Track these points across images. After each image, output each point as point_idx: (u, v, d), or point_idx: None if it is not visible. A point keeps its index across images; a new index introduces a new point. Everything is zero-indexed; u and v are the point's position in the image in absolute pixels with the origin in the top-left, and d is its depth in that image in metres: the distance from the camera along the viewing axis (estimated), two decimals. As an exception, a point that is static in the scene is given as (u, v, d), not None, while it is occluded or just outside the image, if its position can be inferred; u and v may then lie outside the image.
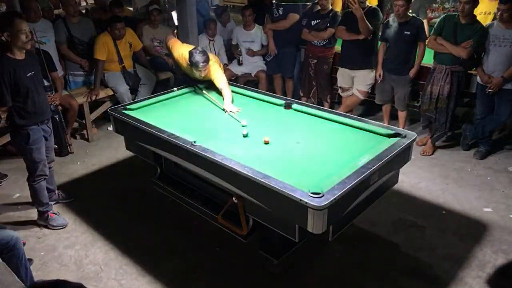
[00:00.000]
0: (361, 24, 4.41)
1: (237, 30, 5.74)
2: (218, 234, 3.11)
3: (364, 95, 4.88)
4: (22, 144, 3.21)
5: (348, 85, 4.95)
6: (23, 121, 3.15)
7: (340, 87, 5.04)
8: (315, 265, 3.01)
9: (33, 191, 3.39)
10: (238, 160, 2.59)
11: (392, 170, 2.80)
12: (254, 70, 5.67)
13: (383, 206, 3.51)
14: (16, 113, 3.13)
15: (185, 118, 3.38)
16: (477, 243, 3.17)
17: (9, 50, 3.04)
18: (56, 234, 3.39)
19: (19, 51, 3.08)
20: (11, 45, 3.02)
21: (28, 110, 3.15)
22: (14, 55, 3.06)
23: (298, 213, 2.24)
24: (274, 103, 3.66)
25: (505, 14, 3.88)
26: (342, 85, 5.00)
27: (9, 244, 2.49)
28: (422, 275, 2.89)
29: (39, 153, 3.28)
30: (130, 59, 5.15)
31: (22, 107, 3.12)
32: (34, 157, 3.25)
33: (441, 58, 4.22)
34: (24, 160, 3.32)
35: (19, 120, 3.14)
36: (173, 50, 4.08)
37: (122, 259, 3.09)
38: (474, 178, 4.08)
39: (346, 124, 3.20)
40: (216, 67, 3.83)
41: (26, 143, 3.20)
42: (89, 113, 4.99)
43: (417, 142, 4.52)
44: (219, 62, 4.12)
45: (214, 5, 8.64)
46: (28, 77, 3.11)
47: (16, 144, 3.33)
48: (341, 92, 5.08)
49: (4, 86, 3.00)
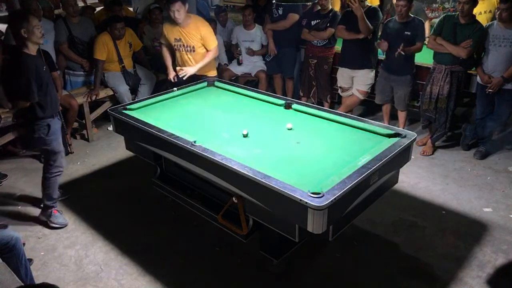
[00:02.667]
0: (361, 24, 4.41)
1: (237, 29, 5.74)
2: (218, 234, 3.11)
3: (364, 95, 4.88)
4: (42, 136, 3.30)
5: (348, 85, 4.95)
6: (43, 113, 3.25)
7: (340, 87, 5.04)
8: (315, 265, 3.01)
9: (48, 184, 3.44)
10: (238, 160, 2.59)
11: (392, 170, 2.80)
12: (254, 70, 5.67)
13: (383, 206, 3.51)
14: (38, 106, 3.22)
15: (185, 118, 3.38)
16: (477, 243, 3.18)
17: (26, 47, 3.12)
18: (56, 234, 3.39)
19: (33, 47, 3.17)
20: (28, 41, 3.11)
21: (47, 102, 3.26)
22: (30, 52, 3.15)
23: (298, 213, 2.24)
24: (274, 103, 3.66)
25: (504, 14, 3.88)
26: (342, 85, 5.00)
27: (9, 244, 2.50)
28: (422, 275, 2.89)
29: (58, 144, 3.41)
30: (130, 59, 5.15)
31: (43, 100, 3.23)
32: (54, 147, 3.36)
33: (441, 58, 4.21)
34: (43, 153, 3.53)
35: (41, 113, 3.25)
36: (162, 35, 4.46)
37: (122, 259, 3.10)
38: (474, 178, 4.08)
39: (346, 124, 3.20)
40: (209, 27, 4.11)
41: (46, 135, 3.30)
42: (89, 113, 4.99)
43: (417, 142, 4.53)
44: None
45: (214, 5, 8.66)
46: (44, 71, 3.25)
47: (36, 138, 3.34)
48: (341, 92, 5.09)
49: (33, 82, 3.11)
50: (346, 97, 5.05)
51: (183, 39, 4.33)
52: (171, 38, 4.38)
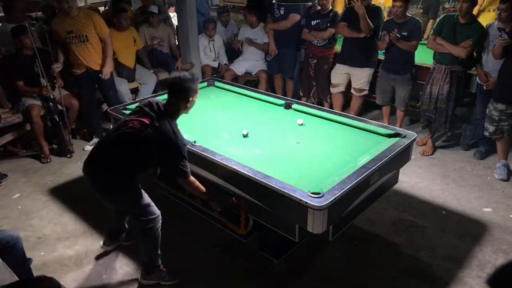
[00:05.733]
0: (362, 23, 4.41)
1: (243, 29, 5.77)
2: (218, 234, 3.11)
3: (362, 93, 4.88)
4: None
5: (339, 82, 4.95)
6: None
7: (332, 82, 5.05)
8: (315, 265, 3.01)
9: (151, 242, 2.71)
10: (238, 160, 2.59)
11: (392, 170, 2.80)
12: (255, 70, 5.68)
13: (383, 206, 3.52)
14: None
15: (185, 118, 3.37)
16: (477, 243, 3.18)
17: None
18: (56, 234, 3.39)
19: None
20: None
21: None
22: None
23: (298, 213, 2.24)
24: (274, 103, 3.66)
25: (504, 14, 3.88)
26: (334, 81, 5.00)
27: (9, 244, 2.49)
28: (422, 275, 2.89)
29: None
30: (133, 56, 5.14)
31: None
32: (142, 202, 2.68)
33: (441, 58, 4.21)
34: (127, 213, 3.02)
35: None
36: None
37: (122, 259, 3.09)
38: (474, 178, 4.08)
39: (346, 124, 3.20)
40: (99, 15, 4.31)
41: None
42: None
43: (417, 142, 4.52)
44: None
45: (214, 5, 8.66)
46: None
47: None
48: (332, 88, 5.08)
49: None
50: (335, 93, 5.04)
51: (74, 30, 4.34)
52: (62, 31, 4.35)
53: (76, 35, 4.38)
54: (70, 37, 4.37)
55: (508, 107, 3.83)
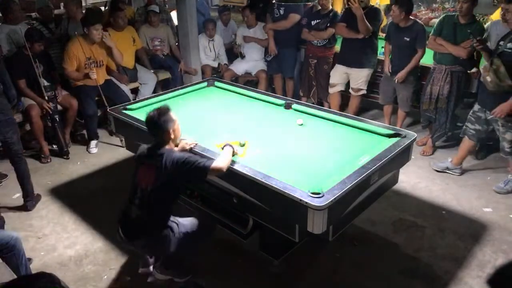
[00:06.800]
0: (360, 24, 4.41)
1: (240, 30, 5.76)
2: (218, 234, 3.10)
3: (360, 92, 4.87)
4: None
5: (337, 81, 4.95)
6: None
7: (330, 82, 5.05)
8: (315, 265, 3.01)
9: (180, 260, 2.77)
10: (238, 160, 2.59)
11: (392, 170, 2.80)
12: (255, 70, 5.68)
13: (383, 206, 3.51)
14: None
15: (185, 118, 3.37)
16: (477, 243, 3.18)
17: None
18: (56, 234, 3.39)
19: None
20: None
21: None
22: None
23: (298, 213, 2.24)
24: (274, 103, 3.66)
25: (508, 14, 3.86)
26: (332, 81, 5.00)
27: (9, 244, 2.50)
28: (422, 275, 2.89)
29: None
30: (132, 56, 5.14)
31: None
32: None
33: (441, 58, 4.21)
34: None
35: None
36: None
37: (122, 259, 3.09)
38: (474, 178, 4.08)
39: (346, 124, 3.20)
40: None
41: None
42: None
43: (417, 142, 4.52)
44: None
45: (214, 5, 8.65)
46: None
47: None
48: (329, 87, 5.07)
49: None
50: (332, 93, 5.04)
51: (93, 57, 4.58)
52: (82, 57, 4.50)
53: (94, 61, 4.60)
54: (89, 63, 4.56)
55: (479, 110, 3.83)
